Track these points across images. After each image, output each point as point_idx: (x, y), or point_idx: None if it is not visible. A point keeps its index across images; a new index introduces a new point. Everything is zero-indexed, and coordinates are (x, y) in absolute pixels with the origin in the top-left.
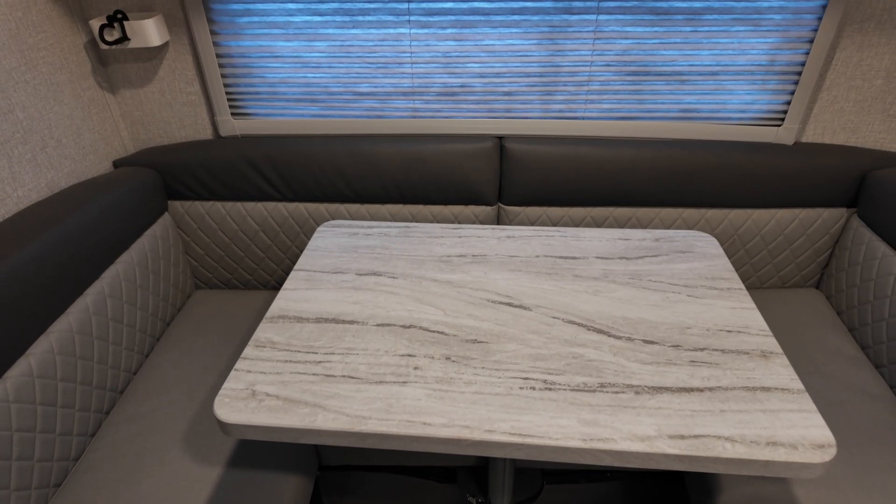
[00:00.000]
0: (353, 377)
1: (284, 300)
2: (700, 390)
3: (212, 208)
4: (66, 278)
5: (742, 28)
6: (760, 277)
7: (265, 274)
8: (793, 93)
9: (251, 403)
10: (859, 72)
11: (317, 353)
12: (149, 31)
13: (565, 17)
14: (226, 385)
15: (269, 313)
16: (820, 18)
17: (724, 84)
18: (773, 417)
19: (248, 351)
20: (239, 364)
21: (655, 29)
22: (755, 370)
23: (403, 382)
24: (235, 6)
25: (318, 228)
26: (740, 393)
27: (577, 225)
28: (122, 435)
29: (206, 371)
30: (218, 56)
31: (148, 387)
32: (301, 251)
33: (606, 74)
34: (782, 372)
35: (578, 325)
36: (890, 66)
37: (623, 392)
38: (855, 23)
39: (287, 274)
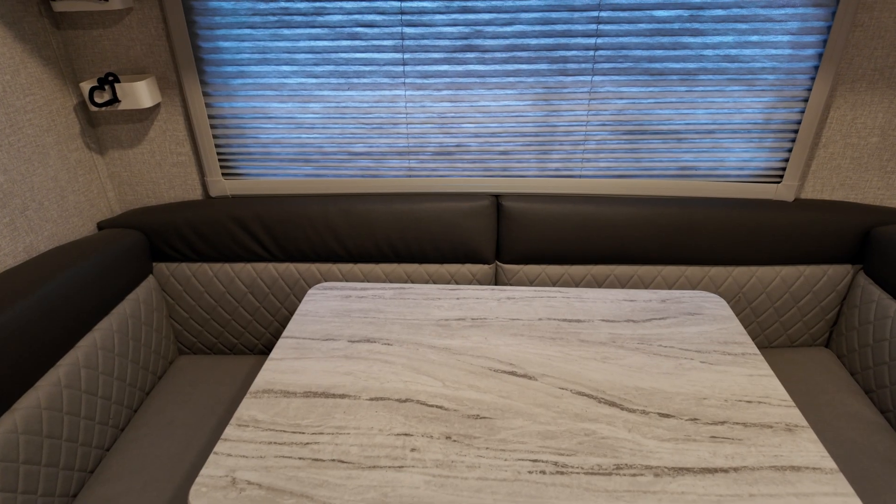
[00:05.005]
0: (343, 461)
1: (270, 371)
2: (725, 471)
3: (198, 270)
4: (36, 350)
5: (736, 88)
6: (768, 336)
7: (252, 338)
8: (790, 150)
9: (231, 493)
10: (854, 130)
11: (304, 432)
12: (140, 93)
13: (560, 78)
14: (203, 472)
15: (253, 387)
16: (813, 78)
17: (721, 142)
18: (808, 503)
19: (230, 431)
20: (219, 447)
21: (650, 89)
22: (781, 446)
23: (399, 467)
24: (229, 68)
25: (309, 291)
26: (768, 473)
27: (577, 283)
28: None
29: (186, 447)
30: (210, 117)
31: (121, 466)
32: (291, 313)
33: (602, 134)
34: (811, 448)
35: (588, 396)
36: (884, 125)
37: (641, 474)
38: (847, 83)
39: (276, 337)
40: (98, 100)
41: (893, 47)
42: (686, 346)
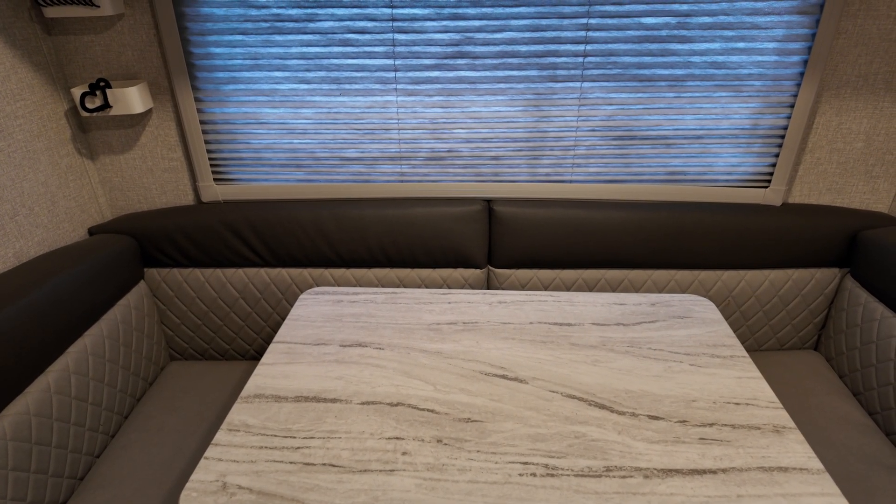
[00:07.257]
0: (334, 465)
1: (261, 376)
2: (713, 472)
3: (190, 275)
4: (26, 356)
5: (724, 94)
6: (757, 340)
7: (244, 343)
8: (777, 155)
9: (221, 498)
10: (840, 135)
11: (295, 437)
12: (131, 99)
13: (550, 84)
14: (194, 477)
15: (244, 392)
16: (798, 85)
17: (709, 147)
18: (795, 503)
19: (220, 436)
20: (209, 451)
21: (639, 95)
22: (769, 448)
23: (391, 471)
24: (220, 74)
25: (301, 296)
26: (756, 474)
27: (568, 287)
28: None
29: (177, 453)
30: (202, 122)
31: (111, 472)
32: (283, 318)
33: (592, 139)
34: (798, 449)
35: (579, 399)
36: (869, 130)
37: (631, 476)
38: (832, 89)
39: (267, 343)
40: (89, 105)
41: (877, 54)
42: (675, 349)
